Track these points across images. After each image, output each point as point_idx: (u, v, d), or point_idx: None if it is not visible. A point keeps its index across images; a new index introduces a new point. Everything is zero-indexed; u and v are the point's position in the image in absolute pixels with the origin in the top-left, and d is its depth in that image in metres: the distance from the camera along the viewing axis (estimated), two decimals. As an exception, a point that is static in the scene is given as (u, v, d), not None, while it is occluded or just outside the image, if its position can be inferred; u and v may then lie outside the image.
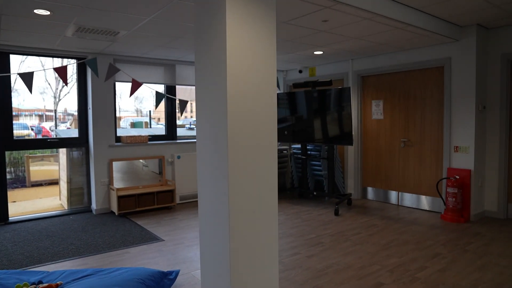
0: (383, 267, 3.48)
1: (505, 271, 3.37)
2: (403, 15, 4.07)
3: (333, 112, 5.66)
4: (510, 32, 4.96)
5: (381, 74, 6.15)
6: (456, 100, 5.16)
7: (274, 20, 2.68)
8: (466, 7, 4.15)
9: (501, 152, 5.09)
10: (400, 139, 5.95)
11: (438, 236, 4.40)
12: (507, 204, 5.14)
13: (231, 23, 2.43)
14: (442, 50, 5.30)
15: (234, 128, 2.48)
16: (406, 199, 5.93)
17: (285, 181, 7.39)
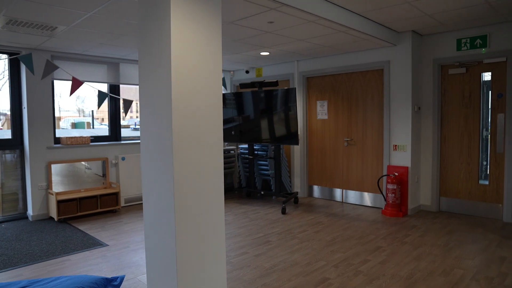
0: (329, 263, 3.60)
1: (437, 259, 3.62)
2: (346, 19, 4.23)
3: (280, 112, 5.75)
4: (441, 39, 5.33)
5: (326, 76, 6.35)
6: (395, 101, 5.45)
7: (219, 20, 2.68)
8: (402, 15, 4.40)
9: (434, 150, 5.46)
10: (343, 138, 6.18)
11: (379, 230, 4.63)
12: (439, 198, 5.52)
13: (175, 21, 2.40)
14: (381, 54, 5.58)
15: (179, 128, 2.45)
16: (350, 196, 6.17)
17: (232, 181, 7.41)
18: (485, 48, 4.98)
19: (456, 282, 3.14)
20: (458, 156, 5.33)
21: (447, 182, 5.45)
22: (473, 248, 3.96)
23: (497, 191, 5.05)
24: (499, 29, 4.88)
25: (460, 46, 5.16)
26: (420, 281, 3.17)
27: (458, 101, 5.29)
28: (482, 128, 5.15)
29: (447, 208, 5.48)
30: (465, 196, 5.31)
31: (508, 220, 4.93)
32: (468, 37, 5.09)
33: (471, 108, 5.19)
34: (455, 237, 4.33)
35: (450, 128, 5.38)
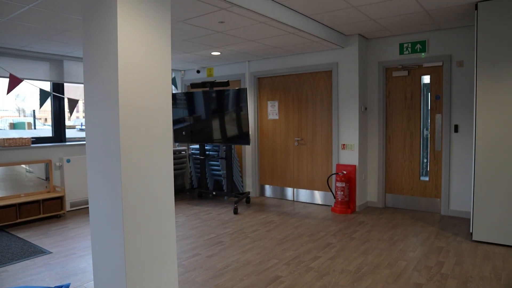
0: (280, 261, 3.65)
1: (382, 253, 3.79)
2: (296, 22, 4.31)
3: (231, 113, 5.76)
4: (385, 43, 5.59)
5: (276, 76, 6.44)
6: (343, 102, 5.64)
7: (168, 18, 2.63)
8: (349, 18, 4.56)
9: (380, 149, 5.72)
10: (294, 138, 6.30)
11: (329, 227, 4.77)
12: (384, 194, 5.78)
13: (122, 18, 2.32)
14: (330, 56, 5.74)
15: (127, 129, 2.38)
16: (301, 195, 6.30)
17: (184, 182, 7.31)
18: (424, 53, 5.28)
19: (400, 273, 3.30)
20: (401, 155, 5.62)
21: (392, 179, 5.72)
22: (415, 240, 4.19)
23: (436, 187, 5.38)
24: (436, 36, 5.20)
25: (402, 50, 5.44)
26: (368, 274, 3.30)
27: (401, 102, 5.57)
28: (422, 127, 5.46)
29: (392, 204, 5.75)
30: (408, 192, 5.60)
31: (445, 213, 5.27)
32: (409, 42, 5.38)
33: (412, 109, 5.49)
34: (399, 231, 4.55)
35: (394, 128, 5.66)
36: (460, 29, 5.04)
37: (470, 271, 3.34)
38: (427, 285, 3.07)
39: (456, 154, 5.17)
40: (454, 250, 3.87)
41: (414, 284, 3.09)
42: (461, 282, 3.13)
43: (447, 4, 4.07)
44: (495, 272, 3.31)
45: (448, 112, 5.16)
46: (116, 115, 2.34)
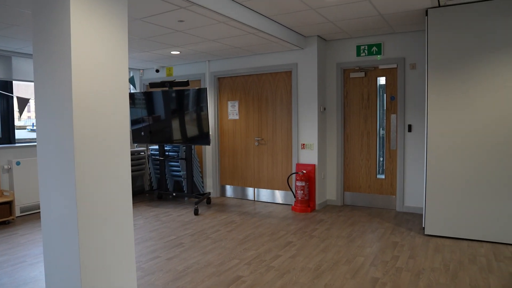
0: (242, 261, 3.65)
1: (341, 250, 3.89)
2: (256, 22, 4.33)
3: (191, 113, 5.69)
4: (342, 45, 5.73)
5: (237, 76, 6.43)
6: (302, 102, 5.73)
7: (125, 15, 2.56)
8: (308, 20, 4.64)
9: (338, 148, 5.85)
10: (254, 138, 6.32)
11: (289, 226, 4.82)
12: (343, 192, 5.93)
13: (76, 13, 2.23)
14: (290, 56, 5.81)
15: (81, 129, 2.29)
16: (262, 195, 6.33)
17: (143, 184, 7.14)
18: (380, 55, 5.46)
19: (358, 269, 3.39)
20: (359, 154, 5.78)
21: (350, 177, 5.88)
22: (372, 236, 4.32)
23: (391, 184, 5.58)
24: (391, 39, 5.40)
25: (359, 52, 5.60)
26: (327, 271, 3.37)
27: (359, 102, 5.74)
28: (379, 127, 5.65)
29: (350, 201, 5.91)
30: (365, 190, 5.78)
31: (400, 209, 5.48)
32: (366, 44, 5.55)
33: (369, 109, 5.66)
34: (357, 228, 4.68)
35: (352, 128, 5.82)
36: (413, 33, 5.26)
37: (422, 264, 3.49)
38: (383, 279, 3.18)
39: (410, 153, 5.39)
40: (408, 245, 4.03)
41: (371, 279, 3.19)
42: (414, 274, 3.26)
43: (401, 9, 4.23)
44: (444, 263, 3.49)
45: (402, 112, 5.38)
46: (70, 115, 2.24)
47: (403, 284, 3.09)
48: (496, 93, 3.99)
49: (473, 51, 4.06)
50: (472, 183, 4.13)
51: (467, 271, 3.33)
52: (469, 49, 4.08)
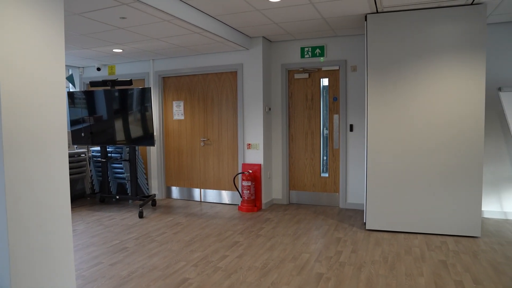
0: (188, 263, 3.60)
1: (287, 247, 3.96)
2: (201, 21, 4.29)
3: (135, 113, 5.52)
4: (287, 46, 5.85)
5: (182, 76, 6.34)
6: (248, 102, 5.77)
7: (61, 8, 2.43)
8: (253, 21, 4.68)
9: (283, 148, 5.96)
10: (200, 138, 6.26)
11: (236, 226, 4.83)
12: (289, 191, 6.05)
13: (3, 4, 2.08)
14: (235, 57, 5.83)
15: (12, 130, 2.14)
16: (208, 195, 6.29)
17: (84, 187, 6.82)
18: (323, 57, 5.64)
19: (303, 266, 3.48)
20: (303, 153, 5.93)
21: (295, 176, 6.01)
22: (316, 233, 4.45)
23: (334, 182, 5.78)
24: (333, 42, 5.59)
25: (303, 54, 5.75)
26: (274, 269, 3.42)
27: (303, 103, 5.88)
28: (322, 127, 5.83)
29: (296, 200, 6.04)
30: (310, 188, 5.94)
31: (343, 206, 5.70)
32: (310, 46, 5.70)
33: (313, 110, 5.83)
34: (303, 225, 4.80)
35: (296, 127, 5.95)
36: (354, 36, 5.49)
37: (364, 257, 3.66)
38: (327, 274, 3.28)
39: (351, 152, 5.62)
40: (351, 240, 4.20)
41: (316, 274, 3.28)
42: (356, 268, 3.40)
43: (342, 13, 4.40)
44: (384, 256, 3.68)
45: (344, 112, 5.59)
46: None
47: (346, 277, 3.22)
48: (427, 95, 4.28)
49: (408, 55, 4.32)
50: (407, 180, 4.40)
51: (403, 262, 3.54)
52: (404, 53, 4.33)
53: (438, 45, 4.23)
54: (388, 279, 3.17)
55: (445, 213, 4.31)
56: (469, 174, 4.22)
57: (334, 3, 4.06)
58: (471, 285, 3.06)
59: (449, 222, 4.31)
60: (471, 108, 4.18)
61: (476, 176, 4.20)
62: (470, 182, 4.22)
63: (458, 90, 4.20)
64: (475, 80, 4.15)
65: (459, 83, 4.19)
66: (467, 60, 4.16)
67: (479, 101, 4.15)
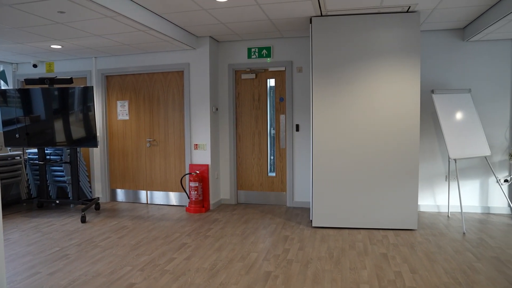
0: (134, 267, 3.50)
1: (236, 247, 3.98)
2: (146, 19, 4.18)
3: (77, 113, 5.27)
4: (234, 46, 5.86)
5: (126, 75, 6.14)
6: (194, 102, 5.71)
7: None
8: (200, 20, 4.64)
9: (231, 148, 5.97)
10: (146, 139, 6.10)
11: (184, 227, 4.77)
12: (236, 191, 6.07)
13: None
14: (182, 56, 5.74)
15: None
16: (155, 197, 6.14)
17: (20, 192, 6.39)
18: (269, 58, 5.72)
19: (252, 265, 3.51)
20: (251, 153, 5.97)
21: (243, 176, 6.04)
22: (264, 232, 4.50)
23: (282, 181, 5.88)
24: (279, 43, 5.69)
25: (250, 54, 5.79)
26: (222, 269, 3.42)
27: (250, 103, 5.92)
28: (270, 127, 5.91)
29: (244, 200, 6.07)
30: (258, 188, 5.99)
31: (290, 205, 5.82)
32: (256, 47, 5.76)
33: (260, 110, 5.89)
34: (251, 225, 4.84)
35: (244, 128, 5.98)
36: (300, 38, 5.62)
37: (310, 254, 3.76)
38: (275, 272, 3.33)
39: (298, 151, 5.74)
40: (298, 237, 4.30)
41: (264, 273, 3.32)
42: (303, 264, 3.49)
43: (288, 15, 4.48)
44: (329, 252, 3.80)
45: (291, 113, 5.71)
46: None
47: (294, 274, 3.29)
48: (368, 97, 4.48)
49: (350, 58, 4.50)
50: (350, 178, 4.58)
51: (347, 256, 3.68)
52: (347, 56, 4.50)
53: (378, 49, 4.45)
54: (333, 274, 3.29)
55: (385, 208, 4.54)
56: (406, 171, 4.48)
57: (280, 5, 4.13)
58: (409, 274, 3.25)
59: (389, 217, 4.55)
60: (408, 109, 4.44)
61: (413, 173, 4.47)
62: (408, 179, 4.48)
63: (396, 92, 4.44)
64: (411, 83, 4.41)
65: (397, 85, 4.44)
66: (404, 64, 4.41)
67: (414, 102, 4.42)
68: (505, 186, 5.27)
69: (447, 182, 5.37)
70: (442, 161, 5.37)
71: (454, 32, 5.24)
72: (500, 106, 5.21)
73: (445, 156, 5.37)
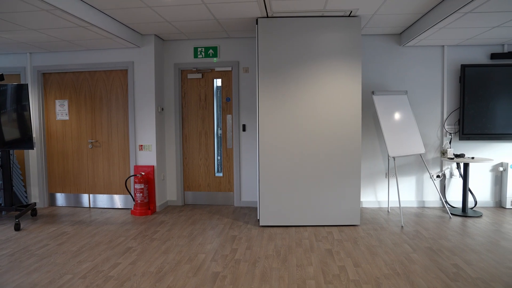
0: (75, 275, 3.33)
1: (183, 249, 3.92)
2: (86, 14, 4.00)
3: (10, 112, 4.92)
4: (180, 45, 5.77)
5: (66, 73, 5.83)
6: (139, 102, 5.54)
7: None
8: (144, 18, 4.51)
9: (177, 149, 5.87)
10: (87, 140, 5.83)
11: (129, 231, 4.62)
12: (183, 192, 5.98)
13: None
14: (126, 54, 5.55)
15: None
16: (98, 200, 5.89)
17: None
18: (216, 58, 5.70)
19: (200, 266, 3.47)
20: (197, 153, 5.91)
21: (190, 177, 5.96)
22: (212, 233, 4.48)
23: (229, 181, 5.88)
24: (226, 43, 5.68)
25: (196, 54, 5.73)
26: (169, 272, 3.35)
27: (196, 103, 5.86)
28: (216, 127, 5.88)
29: (192, 200, 6.00)
30: (205, 188, 5.95)
31: (238, 204, 5.83)
32: (203, 46, 5.71)
33: (207, 110, 5.85)
34: (198, 226, 4.79)
35: (190, 128, 5.91)
36: (247, 39, 5.65)
37: (258, 253, 3.79)
38: (223, 272, 3.33)
39: (244, 151, 5.77)
40: (246, 237, 4.32)
41: (212, 274, 3.30)
42: (251, 263, 3.51)
43: (234, 16, 4.49)
44: (276, 250, 3.86)
45: (237, 113, 5.72)
46: None
47: (241, 274, 3.30)
48: (313, 98, 4.61)
49: (296, 60, 4.60)
50: (296, 177, 4.68)
51: (294, 254, 3.76)
52: (293, 57, 4.60)
53: (322, 51, 4.58)
54: (280, 272, 3.34)
55: (330, 206, 4.70)
56: (349, 169, 4.66)
57: (226, 5, 4.13)
58: (352, 268, 3.39)
59: (334, 214, 4.71)
60: (350, 110, 4.62)
61: (356, 172, 4.66)
62: (351, 177, 4.67)
63: (339, 93, 4.61)
64: (353, 84, 4.60)
65: (340, 87, 4.60)
66: (347, 66, 4.59)
67: (356, 103, 4.61)
68: (438, 181, 5.65)
69: (387, 179, 5.66)
70: (382, 159, 5.65)
71: (392, 37, 5.53)
72: (433, 107, 5.58)
73: (385, 154, 5.65)
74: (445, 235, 4.31)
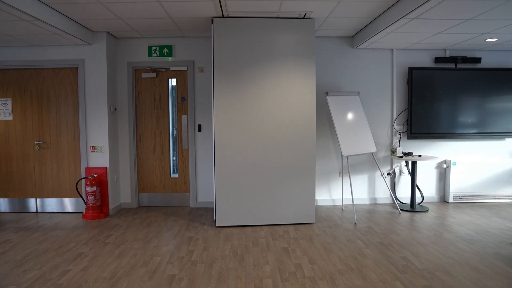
0: (19, 285, 3.15)
1: (138, 253, 3.82)
2: (29, 7, 3.79)
3: None
4: (133, 43, 5.61)
5: (8, 69, 5.49)
6: (91, 102, 5.34)
7: None
8: (95, 14, 4.35)
9: (131, 149, 5.72)
10: (34, 141, 5.53)
11: (80, 236, 4.43)
12: (138, 194, 5.83)
13: None
14: (76, 52, 5.33)
15: None
16: (46, 205, 5.60)
17: None
18: (171, 57, 5.60)
19: (155, 269, 3.40)
20: (152, 154, 5.79)
21: (144, 178, 5.82)
22: (168, 235, 4.40)
23: (185, 182, 5.81)
24: (181, 42, 5.60)
25: (151, 53, 5.60)
26: (123, 277, 3.25)
27: (151, 103, 5.73)
28: (172, 127, 5.78)
29: (147, 202, 5.85)
30: (160, 190, 5.83)
31: (194, 205, 5.77)
32: (158, 45, 5.59)
33: (161, 110, 5.73)
34: (154, 228, 4.68)
35: (144, 128, 5.77)
36: (202, 38, 5.60)
37: (215, 253, 3.77)
38: (180, 275, 3.28)
39: (200, 151, 5.72)
40: (202, 238, 4.28)
41: (168, 276, 3.24)
42: (208, 264, 3.49)
43: (189, 15, 4.44)
44: (233, 250, 3.86)
45: (193, 113, 5.66)
46: None
47: (198, 275, 3.27)
48: (268, 98, 4.65)
49: (252, 60, 4.62)
50: (252, 177, 4.70)
51: (251, 253, 3.78)
52: (248, 57, 4.61)
53: (277, 52, 4.64)
54: (237, 272, 3.34)
55: (286, 205, 4.76)
56: (304, 169, 4.75)
57: (181, 4, 4.07)
58: (308, 265, 3.45)
59: (289, 213, 4.77)
60: (305, 110, 4.71)
61: (310, 171, 4.76)
62: (306, 176, 4.76)
63: (294, 93, 4.68)
64: (307, 85, 4.69)
65: (295, 87, 4.68)
66: (301, 67, 4.67)
67: (311, 103, 4.70)
68: (388, 179, 5.90)
69: (340, 177, 5.83)
70: (336, 158, 5.81)
71: (345, 40, 5.70)
72: (383, 108, 5.81)
73: (338, 153, 5.81)
74: (395, 230, 4.51)
